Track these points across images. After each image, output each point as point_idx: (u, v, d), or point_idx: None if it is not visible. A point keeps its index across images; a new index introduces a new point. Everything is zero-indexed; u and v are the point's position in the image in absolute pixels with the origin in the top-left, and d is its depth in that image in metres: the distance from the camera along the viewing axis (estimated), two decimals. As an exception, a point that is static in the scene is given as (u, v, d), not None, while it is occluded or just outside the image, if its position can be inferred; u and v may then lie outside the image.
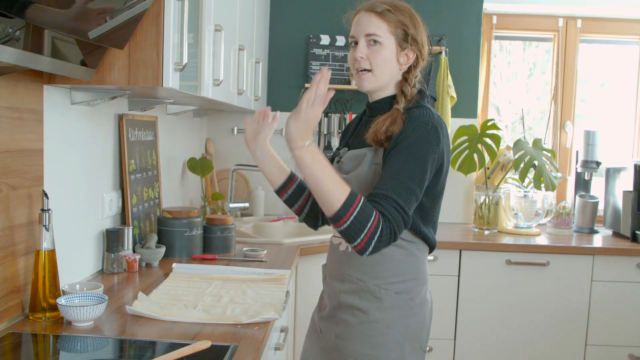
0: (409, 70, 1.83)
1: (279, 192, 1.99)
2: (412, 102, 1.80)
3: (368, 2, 1.81)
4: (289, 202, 2.02)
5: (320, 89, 1.59)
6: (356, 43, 1.81)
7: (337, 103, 3.88)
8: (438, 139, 1.70)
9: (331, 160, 1.98)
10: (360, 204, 1.57)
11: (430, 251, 1.88)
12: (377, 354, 1.77)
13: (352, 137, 1.97)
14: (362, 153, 1.81)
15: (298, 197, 2.00)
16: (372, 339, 1.77)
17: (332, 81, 3.82)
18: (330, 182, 1.59)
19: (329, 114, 3.88)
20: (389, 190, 1.62)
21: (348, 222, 1.56)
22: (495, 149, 3.64)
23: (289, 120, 1.60)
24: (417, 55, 1.82)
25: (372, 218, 1.57)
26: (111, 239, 2.30)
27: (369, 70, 1.79)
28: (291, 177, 1.98)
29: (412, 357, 1.81)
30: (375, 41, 1.77)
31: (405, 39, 1.78)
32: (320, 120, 3.89)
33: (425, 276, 1.87)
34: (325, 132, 3.90)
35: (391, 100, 1.83)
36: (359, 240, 1.58)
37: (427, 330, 1.87)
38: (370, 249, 1.59)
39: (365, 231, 1.57)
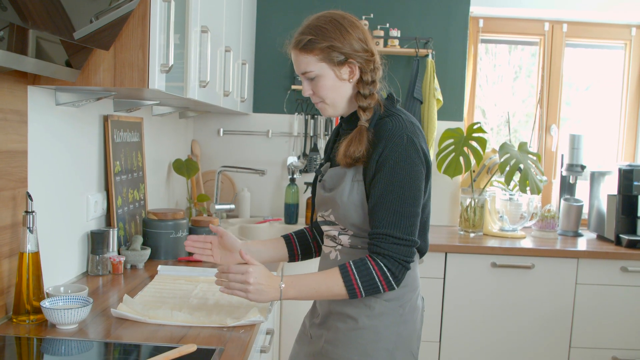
0: (360, 79, 1.76)
1: (292, 261, 2.05)
2: (382, 110, 1.77)
3: (294, 35, 1.76)
4: (306, 257, 2.07)
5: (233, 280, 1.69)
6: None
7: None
8: (417, 149, 1.69)
9: (315, 178, 1.97)
10: (355, 273, 1.66)
11: (422, 255, 1.88)
12: None
13: (333, 151, 1.93)
14: (342, 172, 1.77)
15: (309, 247, 2.05)
16: (361, 346, 1.76)
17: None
18: (324, 287, 1.69)
19: (315, 116, 3.88)
20: (383, 226, 1.67)
21: (362, 291, 1.67)
22: (481, 152, 3.65)
23: (252, 299, 1.69)
24: (360, 64, 1.74)
25: (372, 269, 1.66)
26: (96, 241, 2.28)
27: (322, 101, 1.79)
28: (290, 243, 2.03)
29: None
30: (311, 77, 1.75)
31: (338, 57, 1.72)
32: (307, 122, 3.89)
33: (416, 282, 1.86)
34: (311, 134, 3.90)
35: (356, 115, 1.80)
36: (381, 289, 1.69)
37: (418, 336, 1.87)
38: (394, 285, 1.69)
39: (378, 282, 1.67)
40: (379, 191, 1.68)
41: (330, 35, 1.71)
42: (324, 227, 1.87)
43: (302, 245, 2.04)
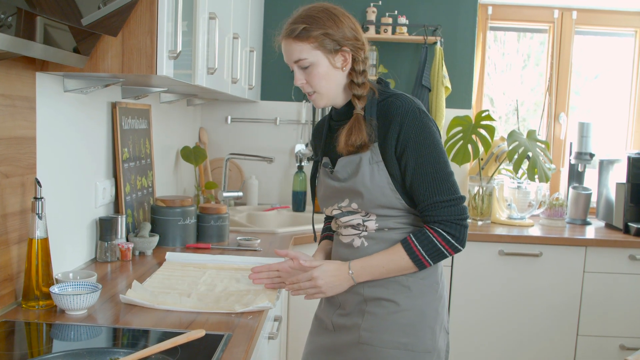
0: (352, 69, 1.78)
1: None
2: (376, 95, 1.78)
3: (285, 26, 1.79)
4: None
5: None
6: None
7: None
8: (429, 117, 1.75)
9: (316, 169, 1.96)
10: (417, 244, 1.72)
11: None
12: (413, 341, 1.77)
13: (326, 144, 1.92)
14: (355, 159, 1.77)
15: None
16: (406, 327, 1.77)
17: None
18: (392, 264, 1.74)
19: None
20: (429, 196, 1.72)
21: (429, 260, 1.73)
22: (490, 140, 3.64)
23: (330, 295, 1.83)
24: (352, 52, 1.76)
25: (432, 237, 1.71)
26: (104, 228, 2.29)
27: (315, 92, 1.79)
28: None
29: (441, 339, 1.85)
30: (305, 65, 1.75)
31: (332, 45, 1.73)
32: (314, 109, 3.88)
33: None
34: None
35: (350, 106, 1.80)
36: (447, 254, 1.74)
37: (447, 311, 1.91)
38: (459, 247, 1.73)
39: (441, 248, 1.72)
40: (412, 167, 1.72)
41: (324, 23, 1.74)
42: (344, 218, 1.85)
43: None
